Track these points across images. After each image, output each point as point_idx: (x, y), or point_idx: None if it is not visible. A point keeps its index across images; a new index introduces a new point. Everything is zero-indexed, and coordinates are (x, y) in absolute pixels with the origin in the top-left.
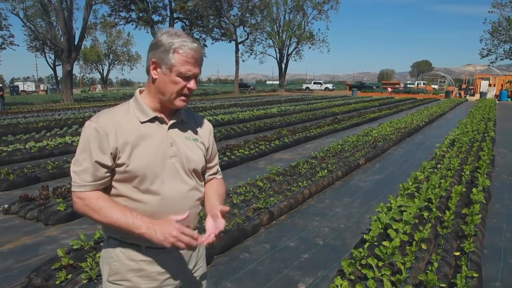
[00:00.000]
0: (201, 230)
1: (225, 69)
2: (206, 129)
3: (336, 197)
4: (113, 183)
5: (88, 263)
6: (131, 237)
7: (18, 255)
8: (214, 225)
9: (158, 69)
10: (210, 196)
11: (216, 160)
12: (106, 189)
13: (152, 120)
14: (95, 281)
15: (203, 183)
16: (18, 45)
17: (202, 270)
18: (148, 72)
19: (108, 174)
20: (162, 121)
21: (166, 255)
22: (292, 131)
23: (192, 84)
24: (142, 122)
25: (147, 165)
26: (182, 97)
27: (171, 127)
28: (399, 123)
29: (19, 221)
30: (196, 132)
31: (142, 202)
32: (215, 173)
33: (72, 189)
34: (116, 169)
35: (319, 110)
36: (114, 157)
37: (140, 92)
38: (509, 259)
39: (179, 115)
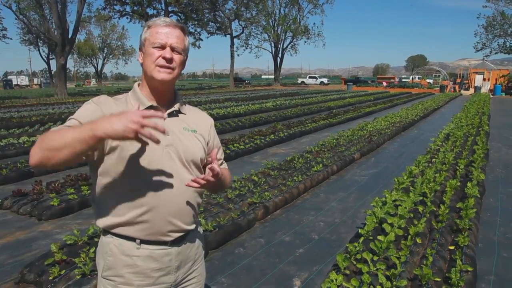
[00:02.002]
0: (200, 224)
1: (220, 63)
2: (207, 123)
3: (331, 191)
4: (106, 172)
5: (81, 258)
6: (123, 225)
7: (11, 251)
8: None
9: (141, 52)
10: None
11: (221, 153)
12: (101, 180)
13: (147, 108)
14: (89, 276)
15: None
16: (11, 39)
17: (200, 270)
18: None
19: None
20: (157, 110)
21: (161, 252)
22: (287, 125)
23: (167, 52)
24: None
25: (140, 153)
26: (159, 68)
27: (167, 116)
28: (394, 117)
29: (12, 216)
30: (195, 124)
31: (136, 190)
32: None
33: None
34: (108, 155)
35: (314, 104)
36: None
37: (139, 85)
38: (503, 252)
39: (176, 105)
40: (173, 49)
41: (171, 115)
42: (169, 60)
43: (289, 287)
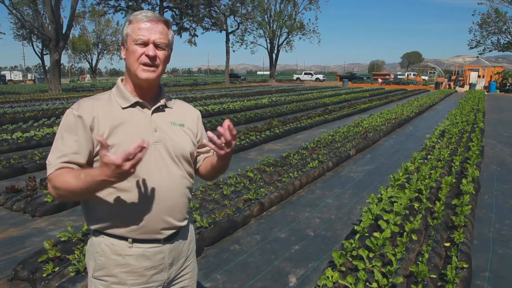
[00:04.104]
0: (191, 221)
1: (215, 59)
2: (193, 115)
3: (327, 188)
4: None
5: (75, 255)
6: (114, 227)
7: (4, 247)
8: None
9: (123, 47)
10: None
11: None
12: None
13: (133, 105)
14: (83, 274)
15: (193, 170)
16: (4, 34)
17: (192, 266)
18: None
19: (83, 162)
20: (143, 106)
21: (154, 250)
22: (283, 121)
23: (150, 50)
24: (123, 108)
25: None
26: (143, 67)
27: (154, 111)
28: (390, 114)
29: (5, 212)
30: (182, 118)
31: (126, 190)
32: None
33: (47, 174)
34: (97, 157)
35: (310, 100)
36: (96, 144)
37: (122, 80)
38: (498, 249)
39: (162, 100)
40: (156, 45)
41: (157, 110)
42: (153, 58)
43: (284, 284)
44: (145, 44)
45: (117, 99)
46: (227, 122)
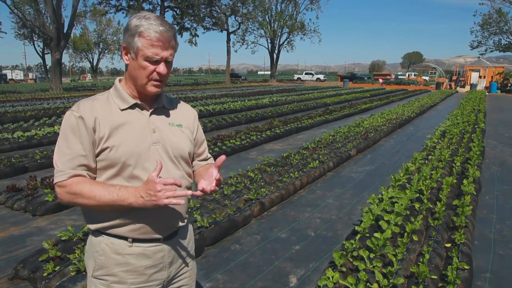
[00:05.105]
0: (190, 220)
1: (216, 59)
2: (190, 115)
3: (328, 188)
4: (97, 173)
5: (76, 254)
6: (115, 227)
7: (4, 246)
8: (208, 179)
9: (128, 54)
10: (203, 173)
11: (205, 145)
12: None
13: (132, 107)
14: (83, 273)
15: (191, 170)
16: (5, 33)
17: (191, 265)
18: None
19: (92, 163)
20: (142, 108)
21: (154, 249)
22: (284, 121)
23: (161, 68)
24: (122, 110)
25: (128, 152)
26: (154, 82)
27: (152, 113)
28: (390, 114)
29: (6, 211)
30: (180, 118)
31: None
32: (206, 159)
33: (54, 180)
34: (98, 158)
35: (311, 100)
36: (96, 145)
37: (120, 80)
38: (499, 250)
39: (160, 101)
40: (166, 61)
41: (155, 111)
42: (163, 75)
43: (285, 284)
44: (157, 61)
45: (115, 100)
46: (217, 176)
